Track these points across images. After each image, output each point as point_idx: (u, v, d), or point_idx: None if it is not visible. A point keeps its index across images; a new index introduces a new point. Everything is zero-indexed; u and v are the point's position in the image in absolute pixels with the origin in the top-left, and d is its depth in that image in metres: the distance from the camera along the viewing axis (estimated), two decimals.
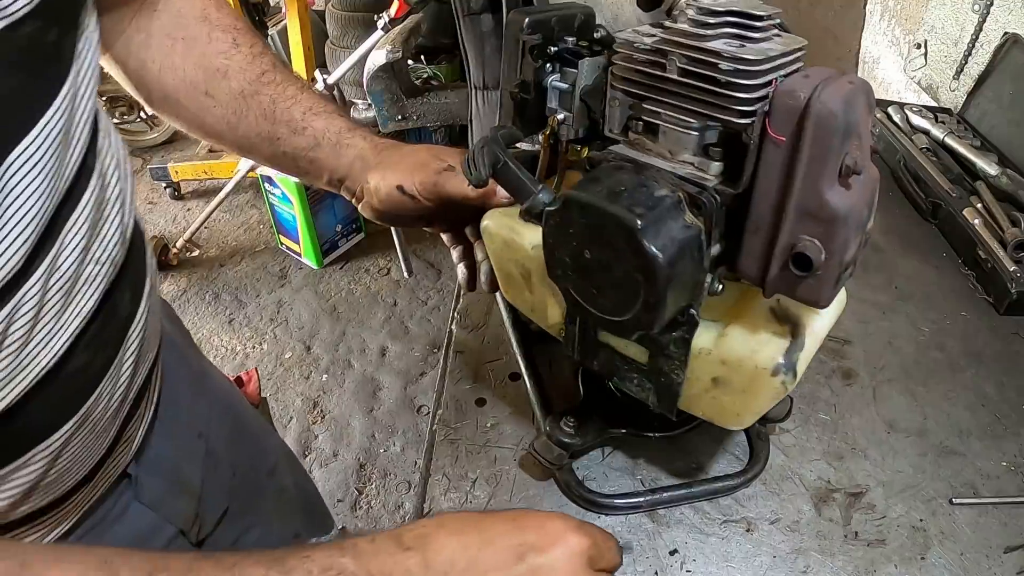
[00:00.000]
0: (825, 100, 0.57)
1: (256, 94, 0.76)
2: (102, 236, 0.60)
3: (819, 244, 0.61)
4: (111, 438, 0.67)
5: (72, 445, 0.60)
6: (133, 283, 0.67)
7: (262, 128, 0.77)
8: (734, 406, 0.74)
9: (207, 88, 0.76)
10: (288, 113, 0.76)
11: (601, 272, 0.65)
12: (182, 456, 0.82)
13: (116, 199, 0.62)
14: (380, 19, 2.29)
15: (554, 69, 0.77)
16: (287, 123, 0.76)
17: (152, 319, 0.71)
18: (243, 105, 0.76)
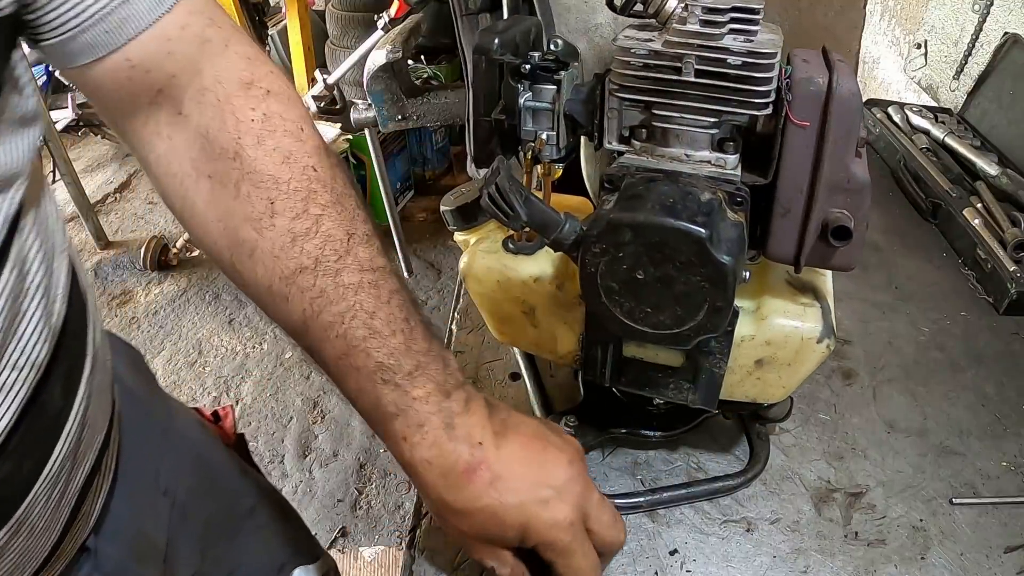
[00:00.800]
0: (844, 83, 0.60)
1: (286, 300, 0.57)
2: (20, 336, 0.49)
3: (848, 213, 0.64)
4: (59, 530, 0.60)
5: (9, 552, 0.53)
6: (67, 374, 0.57)
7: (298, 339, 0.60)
8: (779, 380, 0.76)
9: (233, 262, 0.59)
10: (320, 350, 0.58)
11: (659, 289, 0.64)
12: (146, 517, 0.75)
13: (38, 289, 0.52)
14: (380, 19, 2.29)
15: (525, 88, 0.73)
16: (320, 359, 0.59)
17: (97, 399, 0.62)
18: (271, 302, 0.59)
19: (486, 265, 0.81)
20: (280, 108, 0.60)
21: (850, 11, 2.43)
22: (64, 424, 0.56)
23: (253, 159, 0.57)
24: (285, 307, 0.57)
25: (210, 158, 0.57)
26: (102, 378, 0.65)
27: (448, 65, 3.37)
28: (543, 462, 0.62)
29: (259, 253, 0.56)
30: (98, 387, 0.63)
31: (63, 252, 0.57)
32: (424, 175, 3.61)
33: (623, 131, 0.72)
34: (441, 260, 3.44)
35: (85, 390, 0.59)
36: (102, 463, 0.66)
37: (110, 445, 0.68)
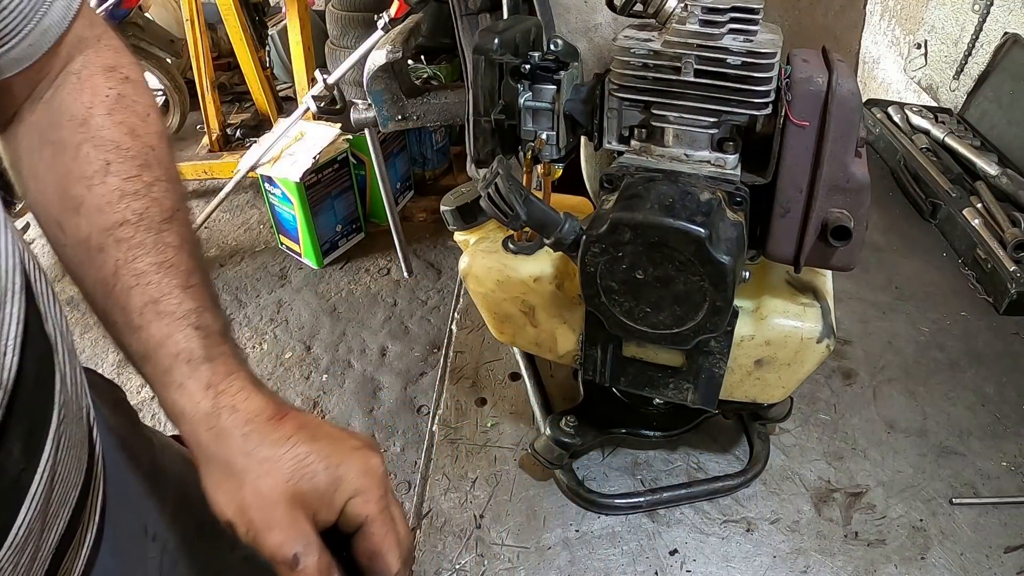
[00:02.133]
0: (843, 83, 0.60)
1: (100, 251, 0.55)
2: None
3: (847, 213, 0.64)
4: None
5: None
6: (27, 432, 0.52)
7: (99, 301, 0.56)
8: (779, 381, 0.76)
9: (59, 219, 0.58)
10: (126, 297, 0.54)
11: (659, 288, 0.64)
12: (135, 567, 0.72)
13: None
14: (380, 19, 2.29)
15: (524, 88, 0.73)
16: (122, 310, 0.54)
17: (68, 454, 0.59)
18: (85, 258, 0.56)
19: (486, 265, 0.81)
20: (134, 92, 0.63)
21: (850, 11, 2.43)
22: (28, 486, 0.52)
23: (100, 126, 0.59)
24: (99, 258, 0.56)
25: (58, 127, 0.59)
26: (75, 430, 0.60)
27: (448, 65, 3.36)
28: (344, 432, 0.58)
29: (85, 208, 0.57)
30: (70, 441, 0.58)
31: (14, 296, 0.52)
32: (424, 175, 3.61)
33: (623, 131, 0.72)
34: (441, 260, 3.44)
35: (52, 446, 0.55)
36: (81, 517, 0.62)
37: (89, 496, 0.63)
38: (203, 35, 3.38)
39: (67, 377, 0.60)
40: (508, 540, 0.86)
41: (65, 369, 0.59)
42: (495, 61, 0.71)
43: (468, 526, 0.87)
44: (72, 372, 0.62)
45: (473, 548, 0.84)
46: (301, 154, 2.97)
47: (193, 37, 3.34)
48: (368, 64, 0.98)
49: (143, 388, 2.82)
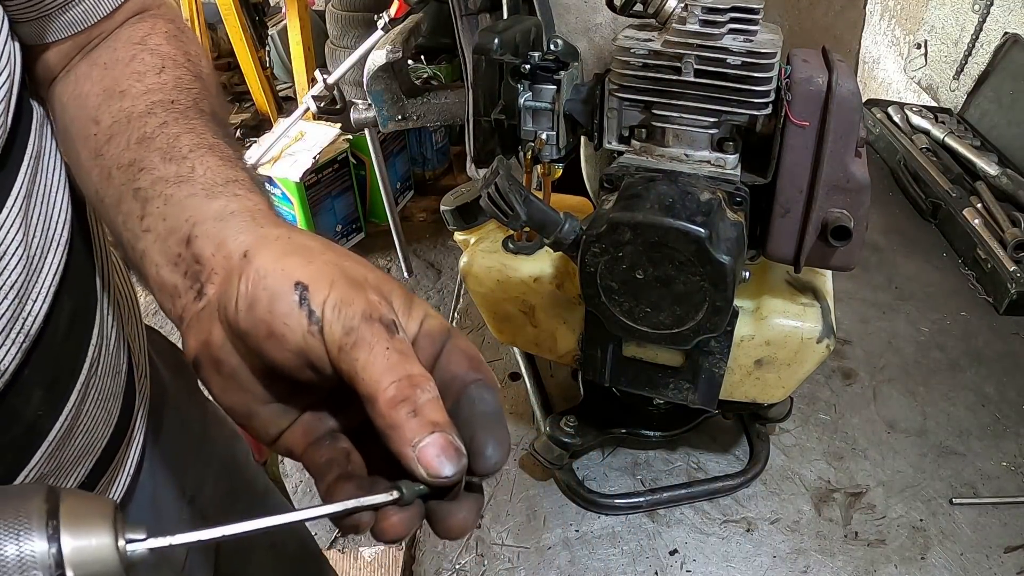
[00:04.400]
0: (844, 83, 0.60)
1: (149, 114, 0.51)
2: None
3: (847, 213, 0.64)
4: None
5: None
6: (49, 383, 0.51)
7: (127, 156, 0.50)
8: (779, 381, 0.76)
9: (96, 113, 0.52)
10: (175, 140, 0.50)
11: (659, 288, 0.64)
12: (167, 524, 0.70)
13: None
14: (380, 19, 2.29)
15: (524, 88, 0.73)
16: (165, 150, 0.49)
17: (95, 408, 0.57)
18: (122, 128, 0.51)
19: (486, 265, 0.81)
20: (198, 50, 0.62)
21: (850, 11, 2.43)
22: (45, 433, 0.52)
23: (158, 44, 0.58)
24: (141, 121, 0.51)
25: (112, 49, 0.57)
26: (109, 384, 0.60)
27: (448, 65, 3.36)
28: None
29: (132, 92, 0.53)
30: (101, 394, 0.58)
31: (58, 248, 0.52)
32: (424, 175, 3.61)
33: (623, 131, 0.72)
34: (441, 260, 3.43)
35: (77, 398, 0.55)
36: (107, 468, 0.62)
37: (120, 450, 0.64)
38: (203, 35, 3.37)
39: (109, 332, 0.60)
40: (508, 540, 0.86)
41: (108, 323, 0.60)
42: (495, 61, 0.71)
43: None
44: (118, 328, 0.62)
45: (473, 548, 0.84)
46: (301, 154, 2.97)
47: None
48: (368, 64, 0.98)
49: None
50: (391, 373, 0.36)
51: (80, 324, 0.56)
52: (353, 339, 0.36)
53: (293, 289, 0.37)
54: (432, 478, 0.34)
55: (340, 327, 0.36)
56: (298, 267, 0.38)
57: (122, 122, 0.52)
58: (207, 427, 0.84)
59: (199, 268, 0.42)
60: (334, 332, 0.36)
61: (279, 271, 0.38)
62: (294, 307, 0.37)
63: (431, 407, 0.36)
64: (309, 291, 0.37)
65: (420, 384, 0.36)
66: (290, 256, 0.40)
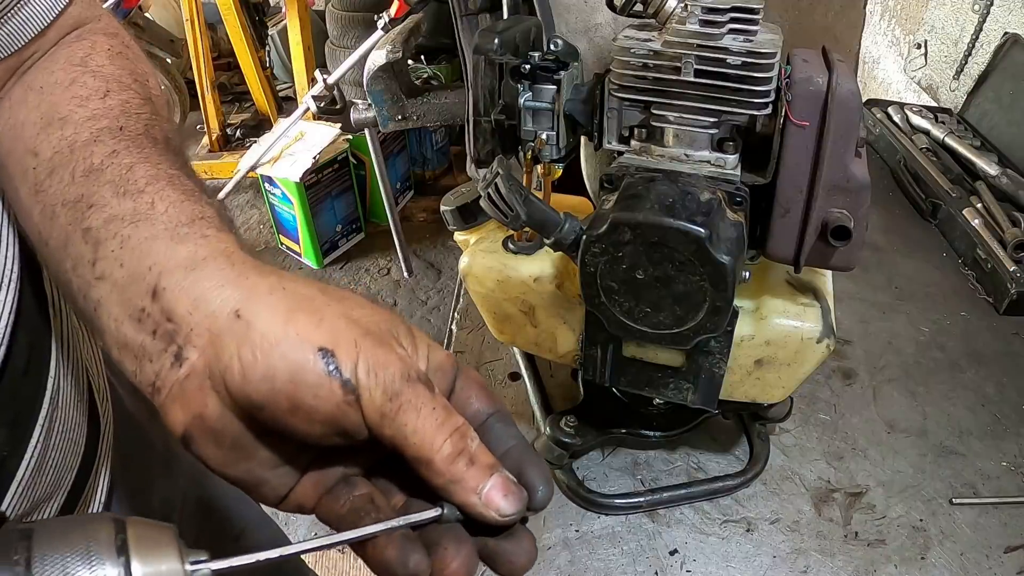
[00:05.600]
0: (843, 83, 0.60)
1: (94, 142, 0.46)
2: None
3: (847, 213, 0.64)
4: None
5: None
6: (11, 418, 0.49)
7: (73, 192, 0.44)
8: (779, 381, 0.76)
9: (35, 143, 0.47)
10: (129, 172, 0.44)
11: (659, 288, 0.64)
12: None
13: None
14: (380, 19, 2.29)
15: (524, 88, 0.73)
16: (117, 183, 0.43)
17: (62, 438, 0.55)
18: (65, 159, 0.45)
19: (486, 265, 0.81)
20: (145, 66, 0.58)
21: (850, 11, 2.43)
22: (14, 471, 0.49)
23: (100, 64, 0.53)
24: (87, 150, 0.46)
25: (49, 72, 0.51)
26: (71, 414, 0.57)
27: (448, 65, 3.36)
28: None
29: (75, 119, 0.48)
30: (64, 426, 0.55)
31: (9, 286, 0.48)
32: (424, 175, 3.61)
33: (623, 131, 0.72)
34: (441, 260, 3.43)
35: (41, 432, 0.52)
36: (80, 497, 0.60)
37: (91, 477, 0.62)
38: (203, 35, 3.38)
39: (66, 361, 0.57)
40: None
41: (65, 352, 0.57)
42: (495, 61, 0.71)
43: None
44: (75, 355, 0.59)
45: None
46: (301, 154, 2.97)
47: (193, 37, 3.34)
48: (368, 64, 0.98)
49: None
50: (442, 432, 0.35)
51: (37, 358, 0.53)
52: (398, 405, 0.34)
53: (319, 357, 0.34)
54: (503, 518, 0.35)
55: (380, 394, 0.34)
56: (313, 329, 0.35)
57: (64, 152, 0.46)
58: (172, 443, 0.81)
59: (173, 328, 0.37)
60: (375, 400, 0.34)
61: (293, 336, 0.34)
62: (323, 377, 0.33)
63: (482, 452, 0.36)
64: (336, 357, 0.34)
65: (467, 434, 0.36)
66: (297, 315, 0.35)
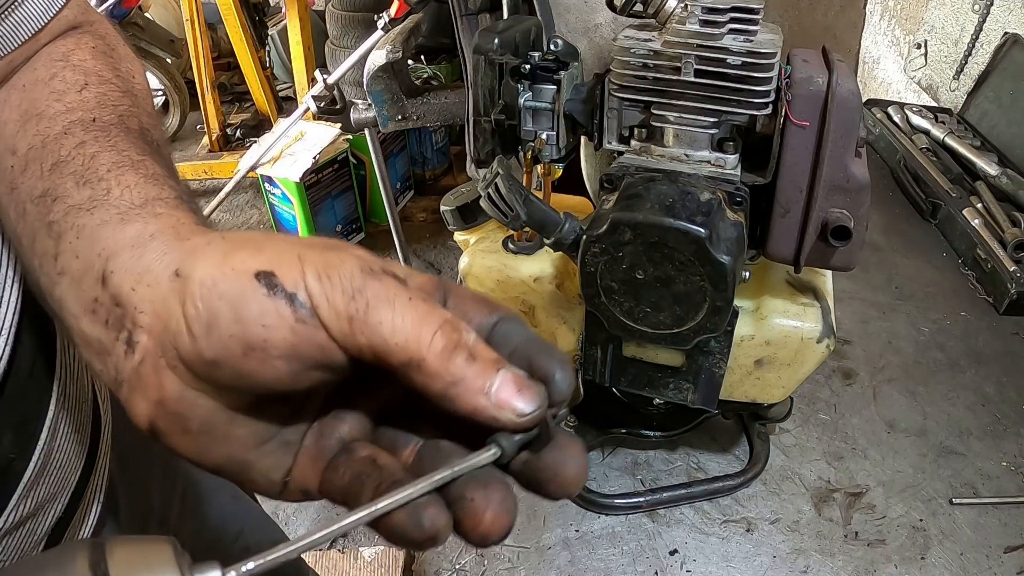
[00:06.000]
0: (843, 83, 0.60)
1: (64, 135, 0.45)
2: None
3: (847, 213, 0.64)
4: None
5: None
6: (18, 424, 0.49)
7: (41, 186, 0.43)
8: (779, 381, 0.76)
9: (14, 141, 0.47)
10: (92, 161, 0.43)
11: (659, 288, 0.64)
12: None
13: None
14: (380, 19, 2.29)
15: (524, 88, 0.73)
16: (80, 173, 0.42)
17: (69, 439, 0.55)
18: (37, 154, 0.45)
19: (486, 265, 0.81)
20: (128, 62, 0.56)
21: (850, 11, 2.43)
22: (21, 474, 0.49)
23: (81, 59, 0.51)
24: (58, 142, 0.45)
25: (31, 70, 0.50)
26: (76, 415, 0.57)
27: (448, 65, 3.36)
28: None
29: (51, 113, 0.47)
30: (70, 427, 0.55)
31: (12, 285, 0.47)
32: (424, 175, 3.60)
33: (623, 131, 0.72)
34: (441, 260, 3.43)
35: (48, 434, 0.52)
36: (82, 498, 0.60)
37: (92, 478, 0.62)
38: (203, 35, 3.37)
39: (72, 359, 0.57)
40: (508, 540, 0.86)
41: (68, 353, 0.57)
42: (495, 61, 0.71)
43: None
44: (77, 354, 0.59)
45: (473, 548, 0.84)
46: (301, 154, 2.97)
47: (193, 37, 3.34)
48: (368, 64, 0.97)
49: None
50: (429, 323, 0.29)
51: (42, 359, 0.52)
52: (364, 302, 0.29)
53: (256, 282, 0.30)
54: (522, 419, 0.29)
55: (340, 296, 0.29)
56: (250, 258, 0.31)
57: (37, 148, 0.45)
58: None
59: (121, 312, 0.34)
60: (336, 305, 0.29)
61: (229, 271, 0.31)
62: (265, 301, 0.29)
63: (484, 347, 0.30)
64: (277, 275, 0.30)
65: (459, 326, 0.30)
66: (235, 252, 0.32)
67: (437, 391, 0.29)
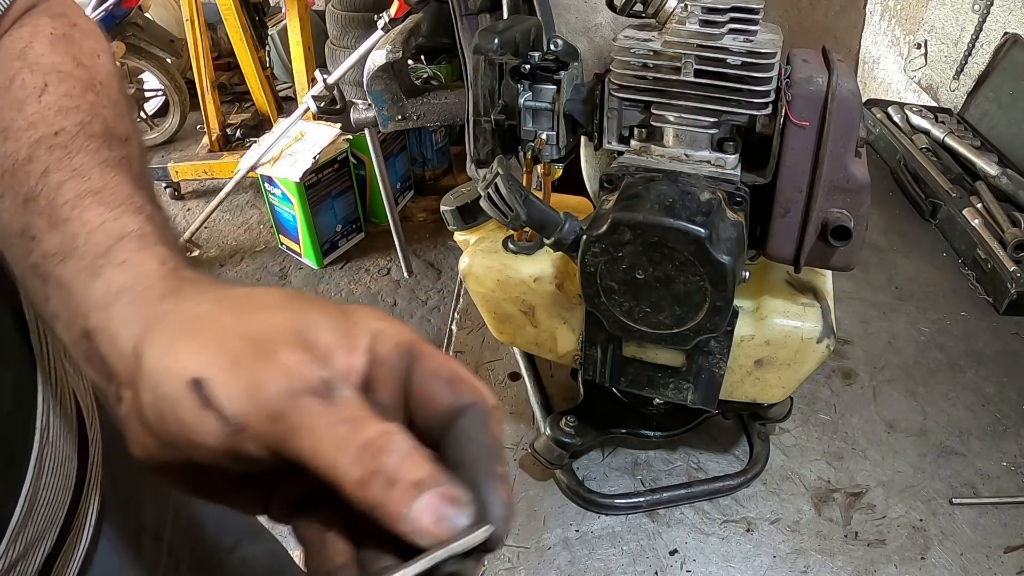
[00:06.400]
0: (843, 83, 0.60)
1: (29, 161, 0.44)
2: None
3: (847, 213, 0.64)
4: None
5: None
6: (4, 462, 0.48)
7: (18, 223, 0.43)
8: (779, 381, 0.76)
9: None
10: (57, 192, 0.42)
11: (658, 288, 0.64)
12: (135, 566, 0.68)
13: None
14: (380, 19, 2.29)
15: (524, 88, 0.73)
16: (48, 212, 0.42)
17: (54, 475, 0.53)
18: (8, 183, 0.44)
19: (486, 265, 0.81)
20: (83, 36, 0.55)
21: (850, 11, 2.43)
22: (8, 518, 0.47)
23: (39, 54, 0.50)
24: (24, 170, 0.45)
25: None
26: (62, 447, 0.55)
27: (448, 65, 3.36)
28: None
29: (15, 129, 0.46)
30: (55, 460, 0.54)
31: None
32: (424, 175, 3.61)
33: (623, 131, 0.72)
34: (441, 260, 3.43)
35: (33, 473, 0.50)
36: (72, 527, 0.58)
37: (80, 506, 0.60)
38: (203, 35, 3.37)
39: (53, 396, 0.54)
40: (508, 540, 0.86)
41: (52, 381, 0.55)
42: (495, 61, 0.71)
43: None
44: (60, 385, 0.57)
45: None
46: (301, 154, 2.97)
47: (193, 37, 3.34)
48: (368, 64, 0.97)
49: None
50: (344, 451, 0.29)
51: (25, 396, 0.51)
52: (285, 427, 0.30)
53: (190, 392, 0.30)
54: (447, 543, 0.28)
55: (264, 419, 0.30)
56: (188, 356, 0.31)
57: (8, 175, 0.45)
58: None
59: (107, 369, 0.36)
60: (261, 427, 0.30)
61: (168, 370, 0.32)
62: (198, 413, 0.30)
63: (408, 466, 0.29)
64: (207, 386, 0.30)
65: (384, 447, 0.29)
66: (177, 343, 0.32)
67: (361, 509, 0.29)
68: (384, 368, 0.33)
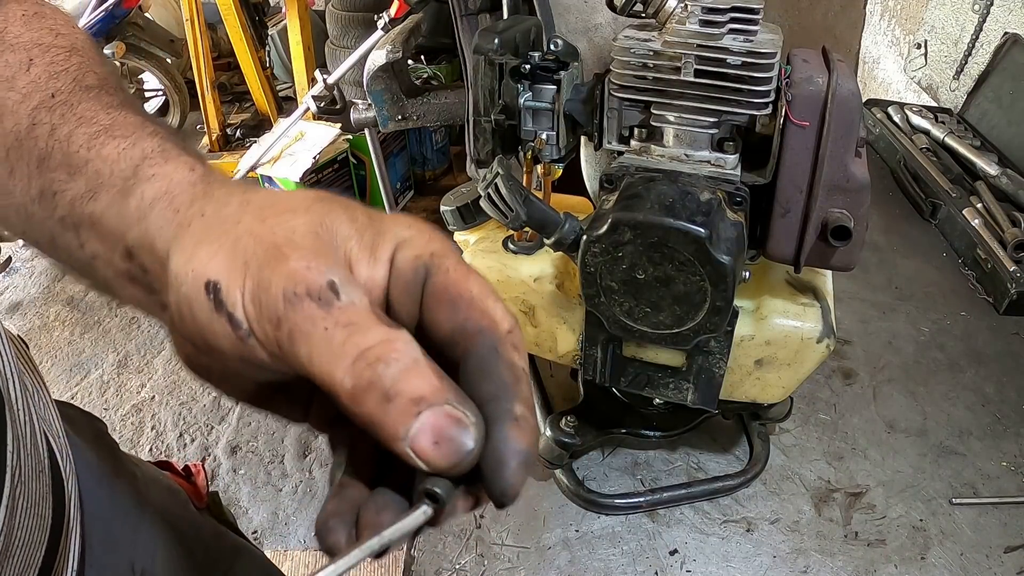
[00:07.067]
0: (843, 83, 0.60)
1: (33, 127, 0.45)
2: None
3: (847, 213, 0.64)
4: None
5: None
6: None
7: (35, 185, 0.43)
8: (779, 381, 0.76)
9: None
10: (68, 143, 0.43)
11: (659, 288, 0.64)
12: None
13: None
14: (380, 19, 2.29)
15: (524, 88, 0.73)
16: (64, 160, 0.42)
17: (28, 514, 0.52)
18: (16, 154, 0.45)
19: (486, 265, 0.81)
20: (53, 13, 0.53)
21: (850, 11, 2.43)
22: None
23: (17, 35, 0.51)
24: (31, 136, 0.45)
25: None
26: (34, 487, 0.54)
27: (448, 65, 3.36)
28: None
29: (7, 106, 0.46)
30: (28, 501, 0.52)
31: None
32: (424, 175, 3.61)
33: (623, 131, 0.72)
34: None
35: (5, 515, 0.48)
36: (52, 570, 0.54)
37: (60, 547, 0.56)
38: (203, 35, 3.37)
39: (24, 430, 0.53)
40: (508, 540, 0.86)
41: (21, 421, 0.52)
42: (495, 61, 0.71)
43: (468, 526, 0.87)
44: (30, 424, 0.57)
45: (473, 548, 0.84)
46: (301, 154, 2.97)
47: (193, 37, 3.34)
48: (368, 64, 0.97)
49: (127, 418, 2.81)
50: (340, 359, 0.27)
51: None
52: (285, 332, 0.28)
53: (205, 294, 0.30)
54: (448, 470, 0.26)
55: (266, 323, 0.29)
56: (207, 259, 0.31)
57: (14, 149, 0.45)
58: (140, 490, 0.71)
59: (150, 279, 0.37)
60: (265, 331, 0.29)
61: (189, 273, 0.31)
62: (212, 315, 0.30)
63: (408, 379, 0.27)
64: (222, 289, 0.30)
65: (382, 356, 0.27)
66: (200, 247, 0.32)
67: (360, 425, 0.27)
68: (399, 282, 0.31)
